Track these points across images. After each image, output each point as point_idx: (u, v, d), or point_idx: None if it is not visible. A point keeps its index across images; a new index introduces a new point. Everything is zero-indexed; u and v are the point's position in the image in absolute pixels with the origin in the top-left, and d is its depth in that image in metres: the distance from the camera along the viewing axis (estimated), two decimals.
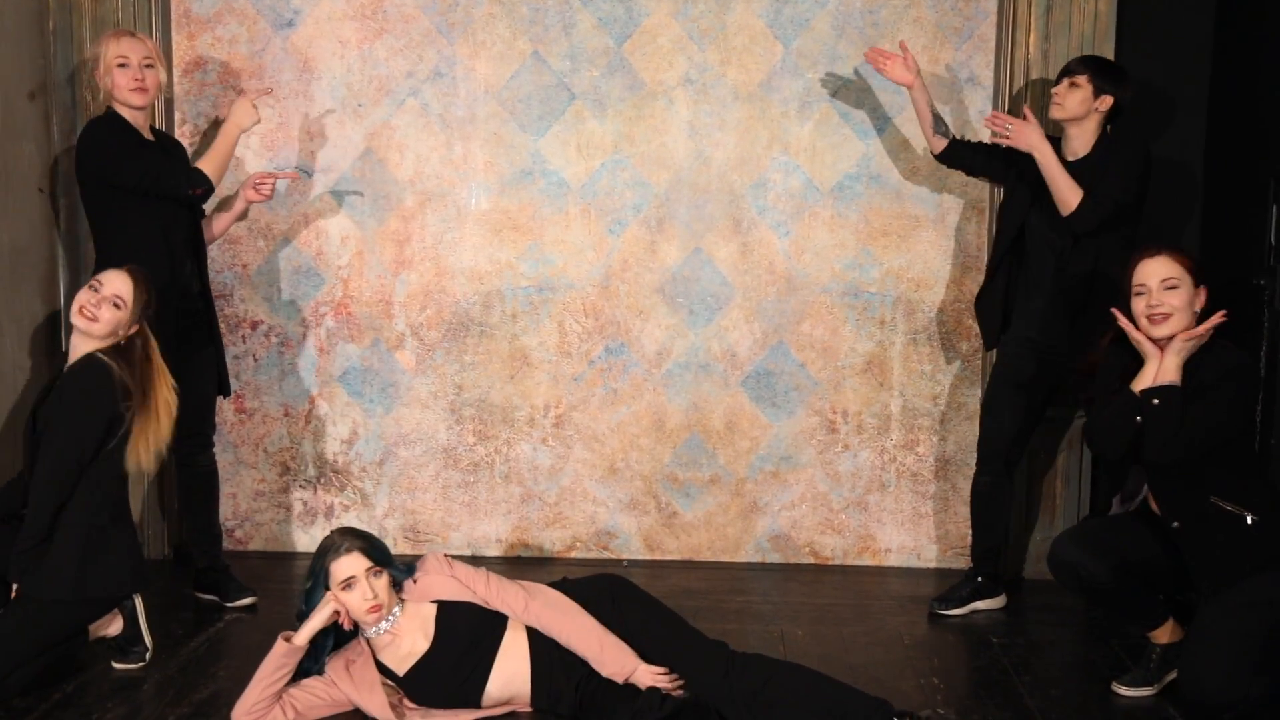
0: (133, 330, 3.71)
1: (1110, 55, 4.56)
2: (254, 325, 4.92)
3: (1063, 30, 4.58)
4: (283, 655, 3.32)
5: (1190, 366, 3.50)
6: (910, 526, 4.92)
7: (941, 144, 4.44)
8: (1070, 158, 4.17)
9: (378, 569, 3.38)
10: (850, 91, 4.76)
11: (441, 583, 3.49)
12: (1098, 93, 4.11)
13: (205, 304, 4.36)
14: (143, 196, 4.08)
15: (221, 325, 4.82)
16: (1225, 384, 3.47)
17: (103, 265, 3.91)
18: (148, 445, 3.70)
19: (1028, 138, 4.11)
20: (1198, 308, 3.53)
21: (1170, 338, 3.50)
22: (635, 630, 3.35)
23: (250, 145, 4.83)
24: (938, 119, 4.42)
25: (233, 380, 4.86)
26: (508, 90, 4.81)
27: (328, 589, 3.37)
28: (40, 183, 4.58)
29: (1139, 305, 3.55)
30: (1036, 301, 4.26)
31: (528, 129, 4.82)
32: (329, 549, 3.39)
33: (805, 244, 4.82)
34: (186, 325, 4.24)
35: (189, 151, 4.56)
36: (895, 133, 4.75)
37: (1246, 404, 3.53)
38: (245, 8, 4.80)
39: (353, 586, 3.34)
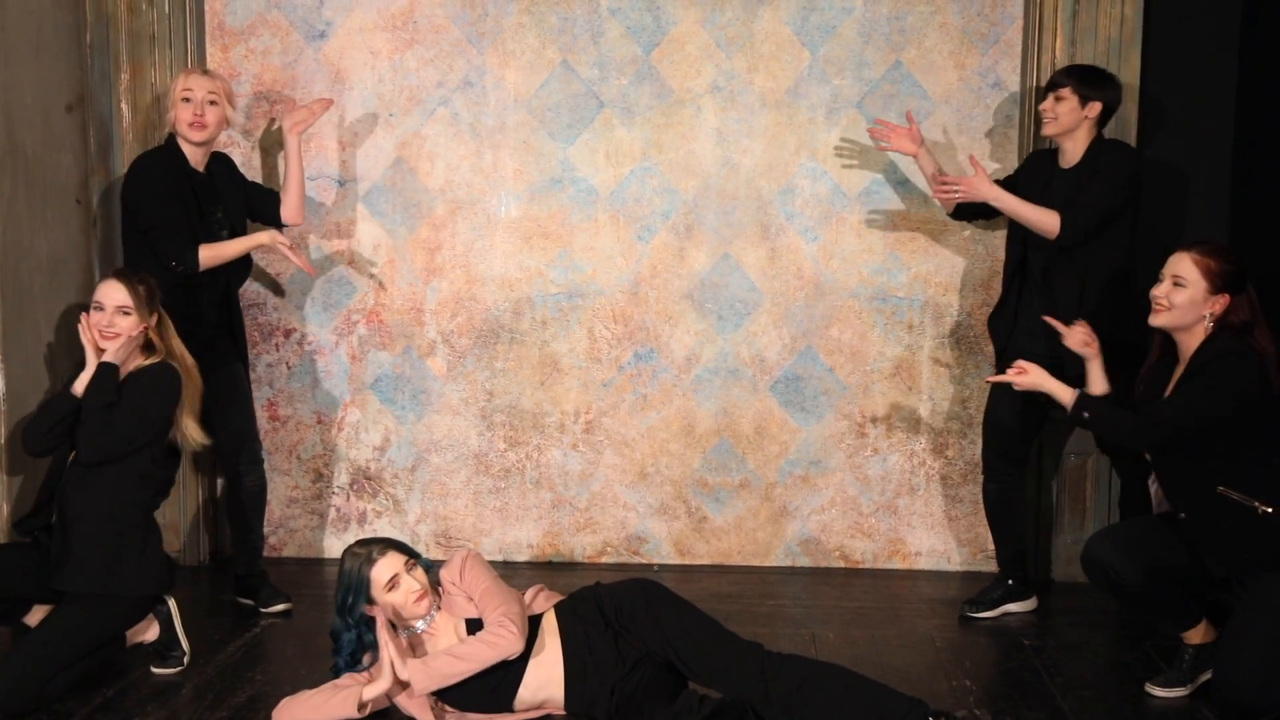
0: (153, 319, 3.83)
1: (1137, 59, 4.59)
2: (287, 333, 4.98)
3: (1089, 35, 4.59)
4: (341, 707, 3.31)
5: (1192, 359, 3.61)
6: (940, 530, 4.93)
7: (951, 206, 4.50)
8: (1066, 166, 4.25)
9: (412, 561, 3.45)
10: (877, 98, 4.78)
11: (459, 601, 3.54)
12: (1084, 101, 4.17)
13: (230, 322, 4.44)
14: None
15: (255, 334, 4.90)
16: (1207, 369, 3.55)
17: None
18: (193, 411, 3.87)
19: (978, 189, 4.20)
20: (1210, 311, 3.58)
21: (1169, 330, 3.65)
22: (671, 633, 3.36)
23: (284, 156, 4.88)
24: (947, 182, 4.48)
25: (266, 388, 4.93)
26: (537, 99, 4.85)
27: (370, 602, 3.40)
28: (77, 194, 4.64)
29: (1153, 290, 3.67)
30: (1035, 313, 4.29)
31: (557, 137, 4.86)
32: (361, 560, 3.42)
33: (833, 249, 4.85)
34: (210, 342, 4.30)
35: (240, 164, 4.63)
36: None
37: (1230, 389, 3.52)
38: (278, 20, 4.86)
39: (398, 585, 3.38)
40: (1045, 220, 4.13)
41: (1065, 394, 3.75)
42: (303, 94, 4.87)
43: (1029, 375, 3.82)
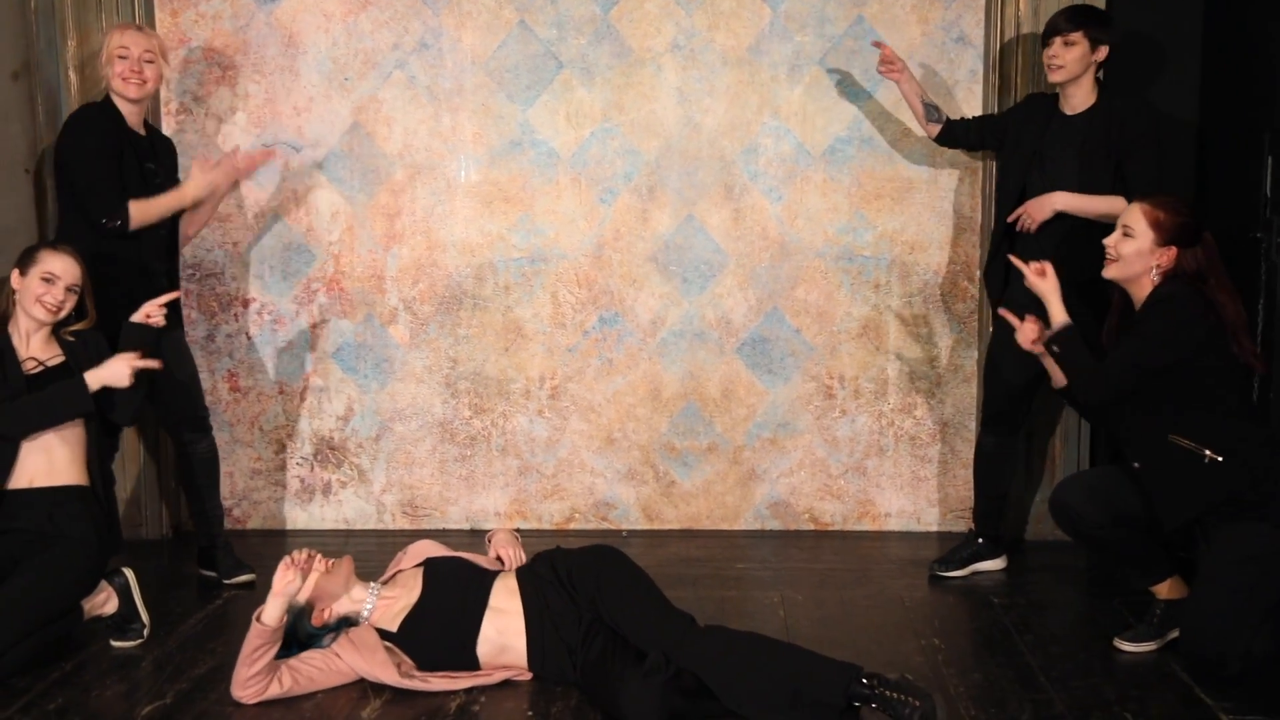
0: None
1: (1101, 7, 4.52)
2: (246, 303, 4.90)
3: None
4: (257, 636, 3.31)
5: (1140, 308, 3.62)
6: (909, 490, 4.90)
7: (936, 129, 4.44)
8: (1071, 113, 4.15)
9: (300, 552, 3.43)
10: (840, 54, 4.72)
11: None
12: (1094, 45, 4.07)
13: (174, 273, 4.38)
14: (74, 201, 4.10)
15: (214, 304, 4.83)
16: (1145, 316, 3.55)
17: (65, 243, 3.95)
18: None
19: (1044, 209, 4.10)
20: (1157, 264, 3.56)
21: (1119, 281, 3.65)
22: (608, 593, 3.36)
23: (237, 122, 4.80)
24: (930, 107, 4.42)
25: (226, 358, 4.86)
26: (495, 60, 4.77)
27: (308, 613, 3.46)
28: (26, 164, 4.54)
29: (1105, 239, 3.68)
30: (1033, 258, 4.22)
31: (516, 99, 4.79)
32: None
33: (798, 209, 4.79)
34: (157, 295, 4.22)
35: (175, 126, 4.54)
36: (886, 95, 4.71)
37: (1166, 335, 3.50)
38: None
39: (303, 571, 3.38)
40: (1116, 206, 3.95)
41: (1059, 317, 3.70)
42: (255, 58, 4.77)
43: (1048, 279, 3.74)
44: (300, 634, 3.48)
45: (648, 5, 4.73)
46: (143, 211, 4.10)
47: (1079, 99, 4.14)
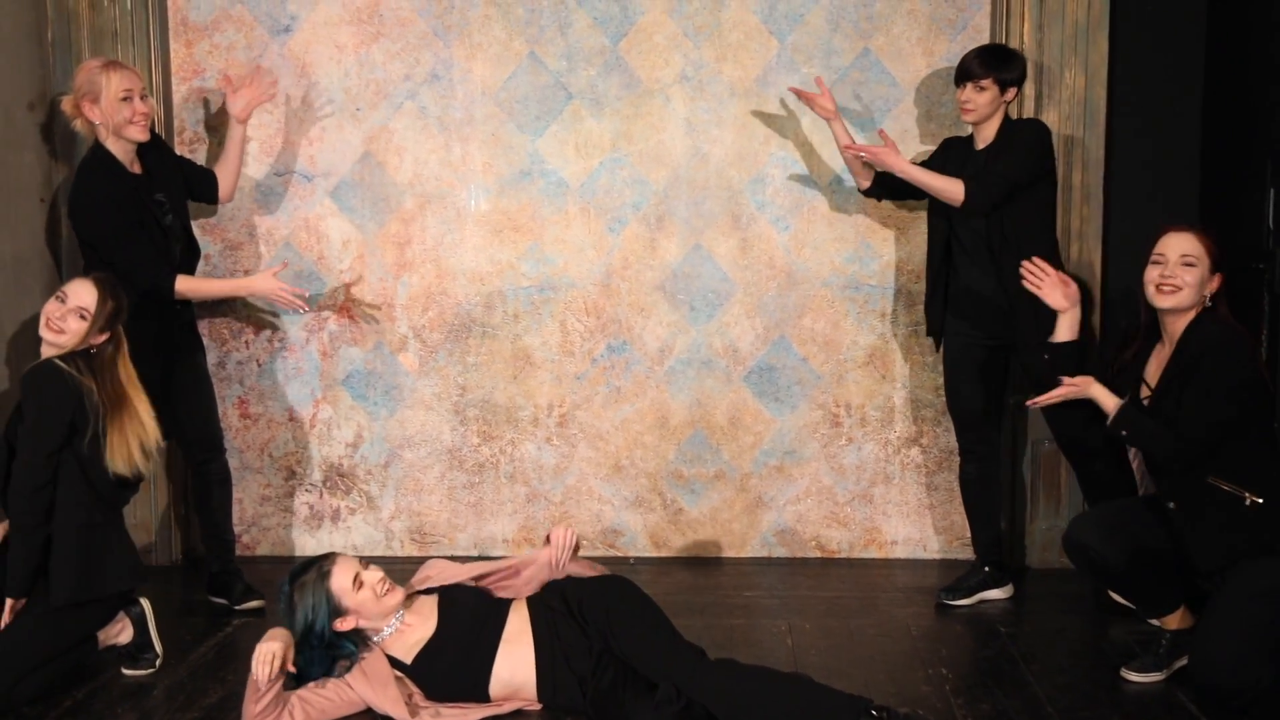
0: (102, 338, 3.74)
1: (1104, 43, 4.60)
2: (257, 330, 4.94)
3: (1056, 19, 4.59)
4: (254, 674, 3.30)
5: (1181, 343, 3.59)
6: (915, 518, 4.92)
7: (867, 181, 4.53)
8: (981, 146, 4.31)
9: (365, 561, 3.48)
10: (846, 85, 4.77)
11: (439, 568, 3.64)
12: (1004, 88, 4.24)
13: (192, 314, 4.42)
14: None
15: (225, 331, 4.87)
16: (1201, 366, 3.49)
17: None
18: (135, 444, 3.73)
19: (885, 159, 4.26)
20: (1209, 290, 3.58)
21: (1173, 311, 3.60)
22: (617, 625, 3.37)
23: (250, 152, 4.84)
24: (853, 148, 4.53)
25: (236, 385, 4.89)
26: (505, 91, 4.82)
27: (337, 615, 3.39)
28: (41, 193, 4.59)
29: (1152, 274, 3.63)
30: (972, 298, 4.34)
31: (525, 129, 4.83)
32: (315, 579, 3.40)
33: (805, 238, 4.83)
34: (175, 334, 4.28)
35: (189, 155, 4.59)
36: (892, 126, 4.75)
37: (1232, 386, 3.49)
38: (242, 14, 4.82)
39: (362, 582, 3.38)
40: (951, 189, 4.19)
41: (1110, 402, 3.64)
42: (270, 89, 4.81)
43: (1079, 385, 3.67)
44: (313, 639, 3.43)
45: (656, 37, 4.78)
46: (192, 284, 4.19)
47: (988, 131, 4.30)
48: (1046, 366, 3.77)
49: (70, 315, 3.71)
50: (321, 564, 3.43)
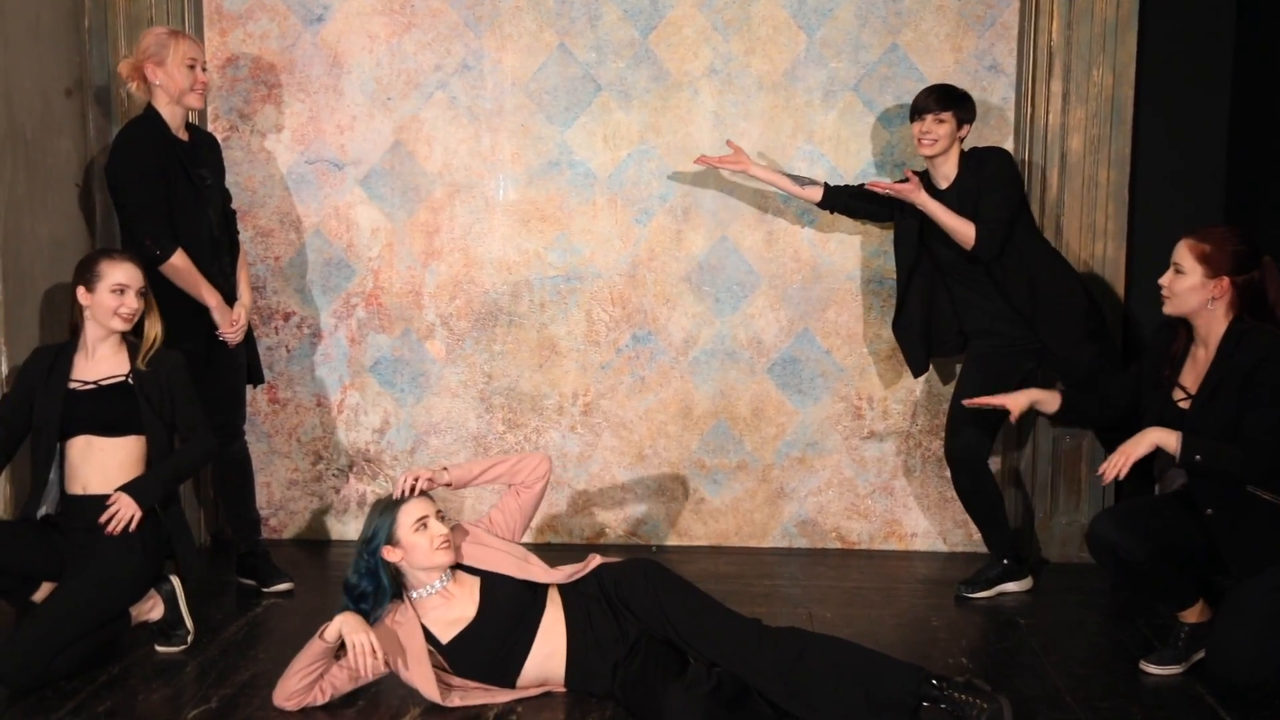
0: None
1: (1133, 41, 4.63)
2: (286, 317, 5.00)
3: (1085, 16, 4.61)
4: (319, 653, 3.37)
5: (1222, 350, 3.59)
6: (936, 511, 4.96)
7: (817, 193, 4.59)
8: (943, 184, 4.38)
9: (440, 512, 3.52)
10: (874, 80, 4.80)
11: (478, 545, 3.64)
12: (960, 124, 4.33)
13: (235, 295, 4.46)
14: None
15: (255, 316, 4.91)
16: (1256, 379, 3.50)
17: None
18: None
19: (911, 195, 4.30)
20: (1212, 296, 3.60)
21: (1181, 317, 3.68)
22: (670, 609, 3.39)
23: (282, 139, 4.90)
24: (795, 177, 4.62)
25: (266, 371, 4.92)
26: (535, 82, 4.87)
27: (390, 541, 3.44)
28: (77, 178, 4.66)
29: (1160, 279, 3.72)
30: (982, 314, 4.42)
31: (555, 120, 4.88)
32: (392, 504, 3.49)
33: (830, 232, 4.87)
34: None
35: (221, 141, 4.65)
36: None
37: None
38: (276, 4, 4.87)
39: (425, 526, 3.44)
40: (965, 231, 4.26)
41: (1171, 440, 3.57)
42: (300, 77, 4.88)
43: (1143, 444, 3.61)
44: (365, 553, 3.47)
45: (686, 30, 4.82)
46: (184, 267, 4.17)
47: (947, 168, 4.37)
48: (1206, 466, 3.54)
49: (139, 300, 3.86)
50: (404, 495, 3.51)
